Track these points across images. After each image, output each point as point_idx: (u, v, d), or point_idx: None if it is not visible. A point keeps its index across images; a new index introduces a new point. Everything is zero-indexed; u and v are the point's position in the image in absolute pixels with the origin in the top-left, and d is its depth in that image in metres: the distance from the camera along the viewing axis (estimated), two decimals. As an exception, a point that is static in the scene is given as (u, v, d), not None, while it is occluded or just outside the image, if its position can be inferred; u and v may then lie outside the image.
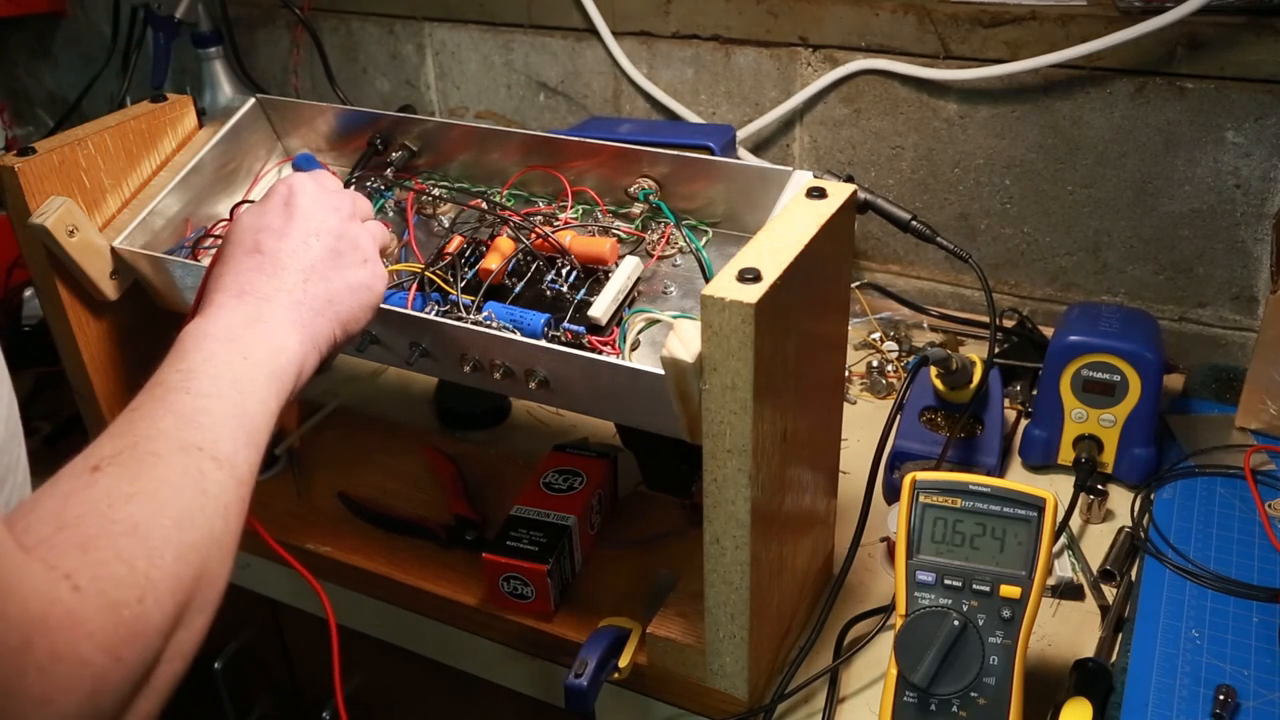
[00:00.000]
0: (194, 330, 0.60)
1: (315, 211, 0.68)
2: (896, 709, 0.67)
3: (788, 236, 0.63)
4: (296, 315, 0.63)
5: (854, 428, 1.00)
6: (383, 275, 0.70)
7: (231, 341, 0.59)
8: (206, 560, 0.48)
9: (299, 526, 0.92)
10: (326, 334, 0.65)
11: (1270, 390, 0.95)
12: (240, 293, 0.63)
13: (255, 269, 0.64)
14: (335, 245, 0.68)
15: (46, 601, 0.40)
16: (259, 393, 0.58)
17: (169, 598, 0.45)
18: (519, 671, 0.85)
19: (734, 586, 0.67)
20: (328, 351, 0.66)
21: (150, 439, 0.51)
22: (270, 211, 0.68)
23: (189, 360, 0.57)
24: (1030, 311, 1.15)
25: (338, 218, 0.69)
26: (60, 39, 1.73)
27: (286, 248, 0.66)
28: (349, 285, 0.67)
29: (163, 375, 0.56)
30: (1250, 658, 0.74)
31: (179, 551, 0.47)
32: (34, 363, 1.15)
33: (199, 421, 0.53)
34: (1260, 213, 1.02)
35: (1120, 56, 1.00)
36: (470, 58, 1.37)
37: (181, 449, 0.51)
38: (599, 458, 0.89)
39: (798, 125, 1.20)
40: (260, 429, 0.57)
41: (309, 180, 0.70)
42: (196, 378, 0.56)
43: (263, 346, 0.60)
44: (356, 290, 0.68)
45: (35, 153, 0.81)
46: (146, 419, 0.52)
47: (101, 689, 0.41)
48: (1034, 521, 0.67)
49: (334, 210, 0.69)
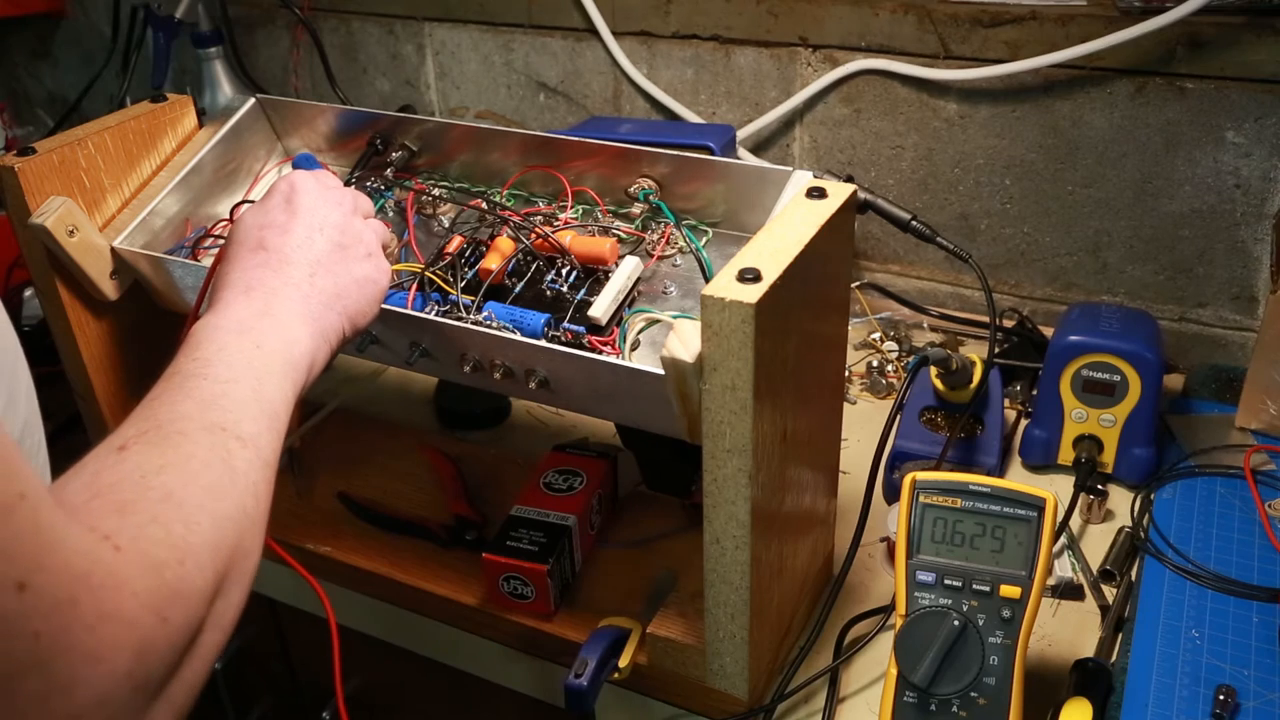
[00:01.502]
0: (205, 324, 0.60)
1: (318, 207, 0.68)
2: (896, 709, 0.67)
3: (788, 236, 0.63)
4: (305, 308, 0.64)
5: (854, 428, 1.01)
6: (387, 270, 0.71)
7: (244, 333, 0.59)
8: (241, 533, 0.48)
9: (299, 526, 0.92)
10: (335, 327, 0.65)
11: (1270, 390, 0.95)
12: (248, 288, 0.63)
13: (261, 265, 0.65)
14: (339, 239, 0.68)
15: (90, 560, 0.39)
16: (276, 379, 0.58)
17: (209, 563, 0.45)
18: (519, 671, 0.85)
19: (734, 586, 0.67)
20: (337, 345, 0.66)
21: (174, 420, 0.51)
22: (273, 209, 0.68)
23: (203, 350, 0.57)
24: (1030, 311, 1.15)
25: (340, 212, 0.70)
26: (60, 39, 1.73)
27: (291, 243, 0.66)
28: (355, 279, 0.67)
29: (178, 365, 0.56)
30: (1250, 658, 0.74)
31: (214, 520, 0.46)
32: (34, 363, 1.14)
33: (220, 404, 0.53)
34: (1260, 213, 1.02)
35: (1120, 56, 1.00)
36: (470, 58, 1.37)
37: (206, 428, 0.51)
38: (599, 458, 0.89)
39: (798, 125, 1.20)
40: (280, 414, 0.57)
41: (309, 177, 0.71)
42: (213, 365, 0.56)
43: (275, 338, 0.60)
44: (363, 284, 0.68)
45: (35, 153, 0.81)
46: (167, 404, 0.52)
47: (149, 649, 0.40)
48: (1034, 521, 0.67)
49: (336, 205, 0.70)
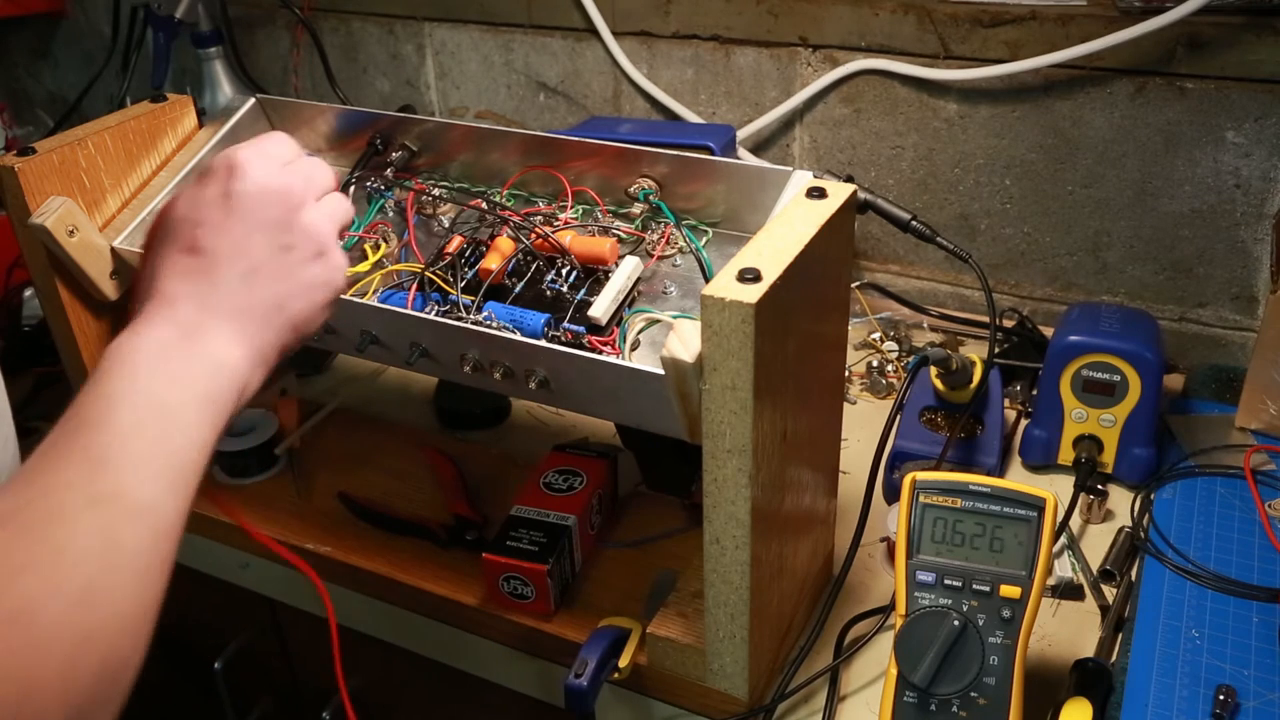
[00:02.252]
0: (121, 344, 0.52)
1: (260, 199, 0.59)
2: (896, 709, 0.67)
3: (788, 236, 0.63)
4: (240, 325, 0.56)
5: (854, 428, 1.00)
6: (341, 265, 0.62)
7: (162, 360, 0.52)
8: (114, 646, 0.42)
9: (299, 526, 0.92)
10: (276, 343, 0.58)
11: (1270, 390, 0.95)
12: (173, 300, 0.55)
13: (190, 271, 0.56)
14: (285, 239, 0.59)
15: None
16: (189, 424, 0.51)
17: (58, 697, 0.39)
18: (519, 671, 0.85)
19: (734, 586, 0.67)
20: (276, 361, 0.59)
21: (55, 491, 0.44)
22: (208, 200, 0.58)
23: (112, 384, 0.50)
24: (1030, 311, 1.15)
25: (285, 206, 0.59)
26: (60, 39, 1.73)
27: (226, 245, 0.57)
28: (302, 285, 0.59)
29: (80, 404, 0.49)
30: (1250, 658, 0.74)
31: (76, 639, 0.40)
32: (34, 363, 1.15)
33: (116, 464, 0.46)
34: (1260, 213, 1.02)
35: (1120, 56, 1.00)
36: (470, 58, 1.37)
37: (91, 503, 0.44)
38: (599, 458, 0.89)
39: (798, 125, 1.20)
40: (189, 467, 0.50)
41: (254, 156, 0.60)
42: (117, 408, 0.49)
43: (198, 365, 0.53)
44: (311, 289, 0.60)
45: (35, 153, 0.81)
46: (54, 466, 0.46)
47: None
48: (1034, 521, 0.67)
49: (281, 196, 0.59)
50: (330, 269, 0.61)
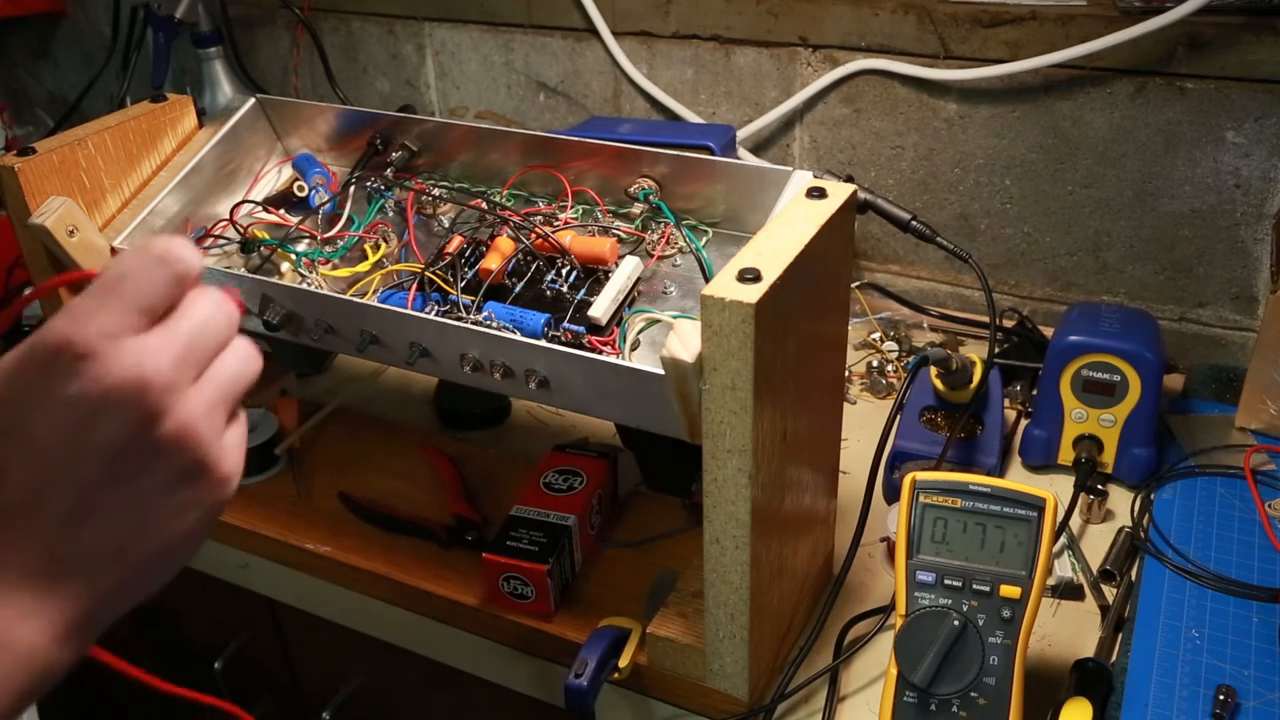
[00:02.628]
0: None
1: (102, 403, 0.38)
2: (896, 709, 0.67)
3: (788, 236, 0.63)
4: (47, 588, 0.39)
5: (854, 428, 1.01)
6: (229, 475, 0.42)
7: None
8: None
9: (299, 526, 0.92)
10: (109, 605, 0.41)
11: (1270, 390, 0.95)
12: None
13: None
14: (134, 463, 0.39)
15: None
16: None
17: None
18: (519, 671, 0.85)
19: (734, 586, 0.67)
20: (109, 624, 0.41)
21: None
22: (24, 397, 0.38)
23: None
24: (1030, 311, 1.15)
25: (139, 411, 0.39)
26: (60, 39, 1.73)
27: (40, 471, 0.38)
28: (160, 516, 0.41)
29: None
30: (1250, 658, 0.74)
31: None
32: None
33: None
34: (1260, 213, 1.02)
35: (1120, 56, 1.00)
36: (470, 58, 1.37)
37: None
38: (599, 458, 0.89)
39: (798, 125, 1.20)
40: None
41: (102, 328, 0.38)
42: None
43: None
44: (175, 517, 0.41)
45: (35, 153, 0.81)
46: None
47: None
48: (1034, 521, 0.67)
49: (134, 396, 0.38)
50: (210, 487, 0.42)
